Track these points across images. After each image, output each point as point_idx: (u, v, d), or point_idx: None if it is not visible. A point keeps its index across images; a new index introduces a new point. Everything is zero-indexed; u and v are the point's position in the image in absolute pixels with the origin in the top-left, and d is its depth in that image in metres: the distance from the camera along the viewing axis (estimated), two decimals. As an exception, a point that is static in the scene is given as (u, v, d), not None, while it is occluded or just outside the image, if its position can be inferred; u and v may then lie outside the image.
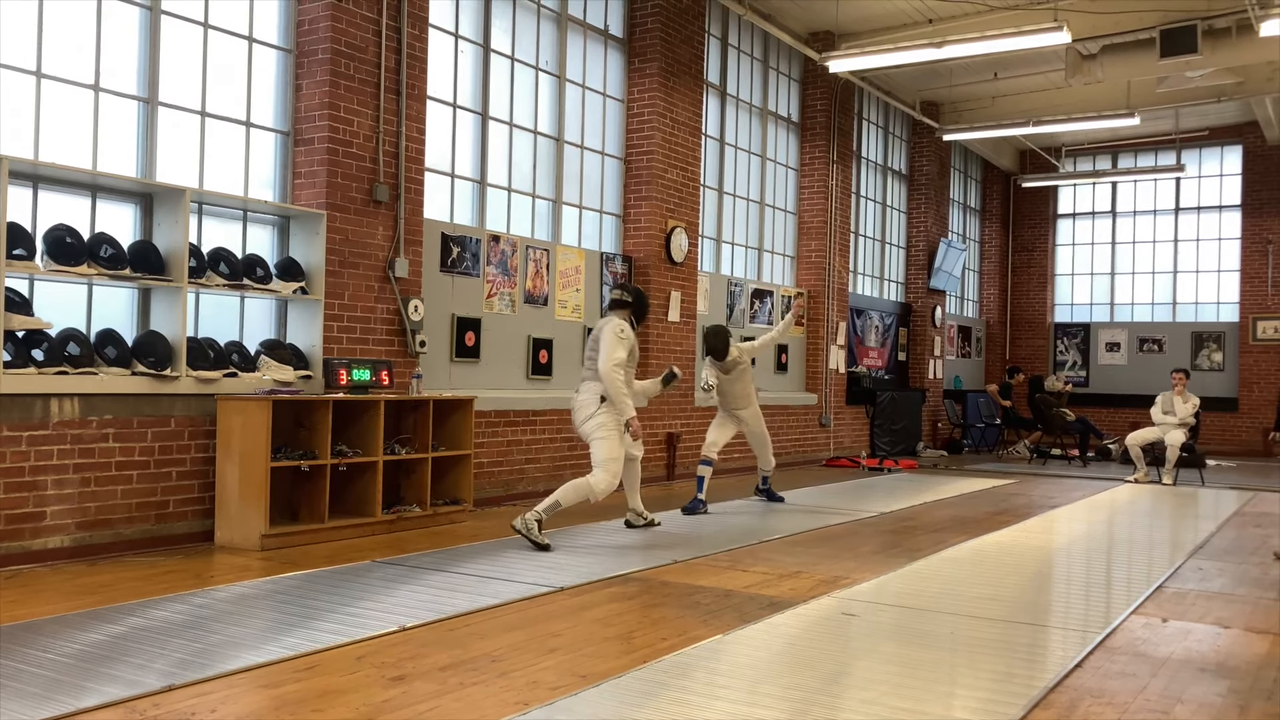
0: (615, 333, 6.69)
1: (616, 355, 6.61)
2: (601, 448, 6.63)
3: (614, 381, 6.57)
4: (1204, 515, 8.99)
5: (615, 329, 6.71)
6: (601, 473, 6.56)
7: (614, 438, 6.64)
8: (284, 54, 7.10)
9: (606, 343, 6.66)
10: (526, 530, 6.24)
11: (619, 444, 6.69)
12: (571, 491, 6.45)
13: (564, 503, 6.41)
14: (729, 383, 8.33)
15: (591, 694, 3.48)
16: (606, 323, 6.80)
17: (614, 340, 6.66)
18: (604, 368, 6.58)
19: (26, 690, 3.37)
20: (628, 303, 6.95)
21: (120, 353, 5.83)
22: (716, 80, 11.67)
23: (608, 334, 6.70)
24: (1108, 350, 18.67)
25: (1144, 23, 11.18)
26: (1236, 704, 3.58)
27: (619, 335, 6.68)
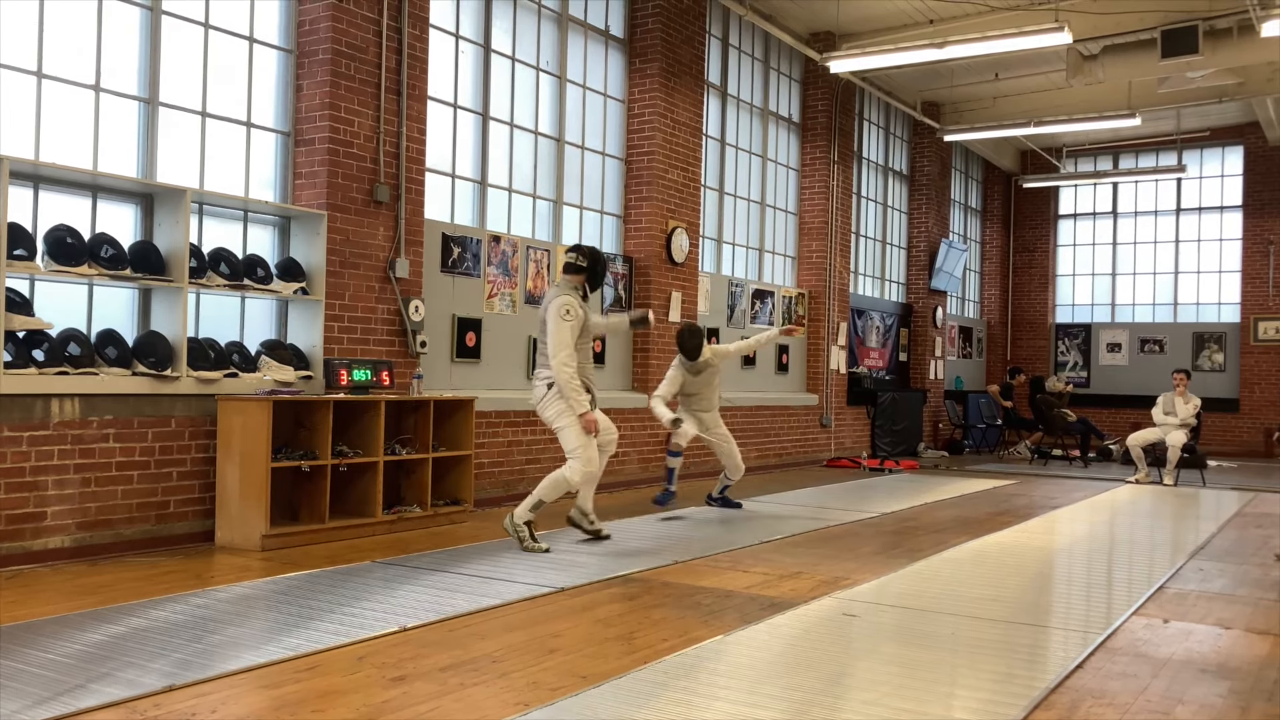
0: (559, 315, 6.17)
1: (564, 348, 6.15)
2: (568, 436, 6.29)
3: (564, 378, 6.15)
4: (1205, 516, 8.98)
5: (559, 310, 6.19)
6: (574, 462, 6.24)
7: (579, 423, 6.26)
8: (285, 54, 7.10)
9: (552, 329, 6.20)
10: (519, 538, 6.13)
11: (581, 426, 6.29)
12: (550, 487, 6.21)
13: (546, 499, 6.22)
14: (695, 384, 8.05)
15: (592, 694, 3.48)
16: (553, 300, 6.29)
17: (559, 325, 6.16)
18: (553, 363, 6.19)
19: (27, 690, 3.37)
20: (581, 268, 6.39)
21: (121, 353, 5.83)
22: (717, 81, 11.67)
23: (553, 317, 6.21)
24: (1109, 351, 18.66)
25: (1145, 23, 11.18)
26: (1238, 705, 3.58)
27: (563, 318, 6.17)
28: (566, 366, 6.17)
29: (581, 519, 6.62)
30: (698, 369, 7.96)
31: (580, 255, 6.40)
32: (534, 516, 6.22)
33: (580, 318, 6.25)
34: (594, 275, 6.44)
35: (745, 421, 11.75)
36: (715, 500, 8.44)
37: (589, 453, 6.28)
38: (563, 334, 6.15)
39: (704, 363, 7.94)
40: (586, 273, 6.39)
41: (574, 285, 6.36)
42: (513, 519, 6.19)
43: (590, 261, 6.39)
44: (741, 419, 11.67)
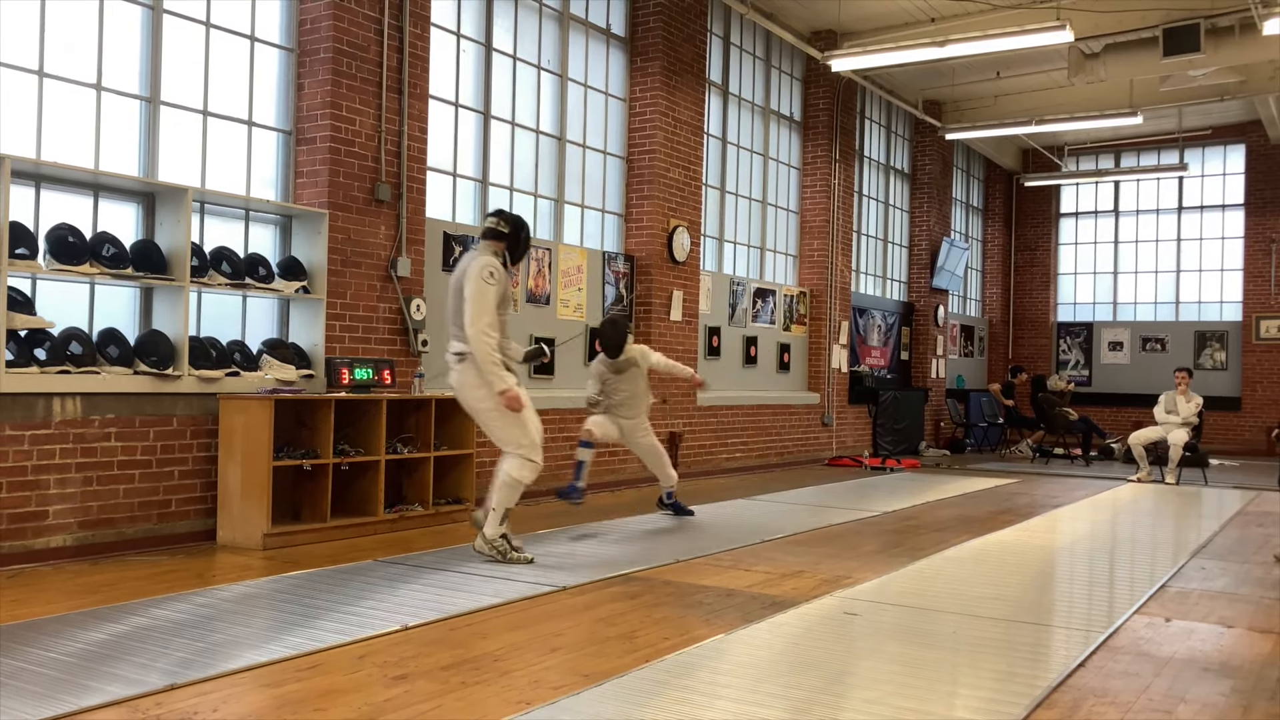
0: (482, 276, 5.43)
1: (485, 314, 5.40)
2: (499, 430, 5.60)
3: (483, 349, 5.40)
4: (1207, 515, 8.98)
5: (481, 271, 5.44)
6: (512, 456, 5.57)
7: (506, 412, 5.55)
8: (286, 53, 7.10)
9: (472, 291, 5.42)
10: (500, 554, 5.59)
11: (521, 415, 5.55)
12: (504, 492, 5.61)
13: (509, 505, 5.65)
14: (617, 385, 7.42)
15: (594, 693, 3.47)
16: (472, 260, 5.55)
17: (480, 288, 5.41)
18: (471, 330, 5.38)
19: (29, 689, 3.37)
20: (501, 233, 5.69)
21: (122, 352, 5.83)
22: (719, 79, 11.67)
23: (473, 278, 5.44)
24: (1110, 349, 18.65)
25: (1146, 21, 11.17)
26: (1240, 704, 3.57)
27: (486, 280, 5.43)
28: (487, 336, 5.40)
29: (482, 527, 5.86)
30: (619, 367, 7.40)
31: (502, 220, 5.72)
32: (505, 528, 5.68)
33: (504, 282, 5.56)
34: (515, 244, 5.75)
35: (747, 420, 11.75)
36: (666, 505, 7.85)
37: (527, 437, 5.58)
38: (485, 298, 5.42)
39: (626, 361, 7.38)
40: (508, 240, 5.70)
41: (494, 251, 5.67)
42: (485, 539, 5.63)
43: (512, 228, 5.72)
44: (743, 418, 11.67)
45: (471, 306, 5.41)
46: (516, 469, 5.59)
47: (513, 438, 5.59)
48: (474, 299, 5.41)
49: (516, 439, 5.60)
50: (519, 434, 5.60)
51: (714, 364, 11.41)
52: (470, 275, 5.46)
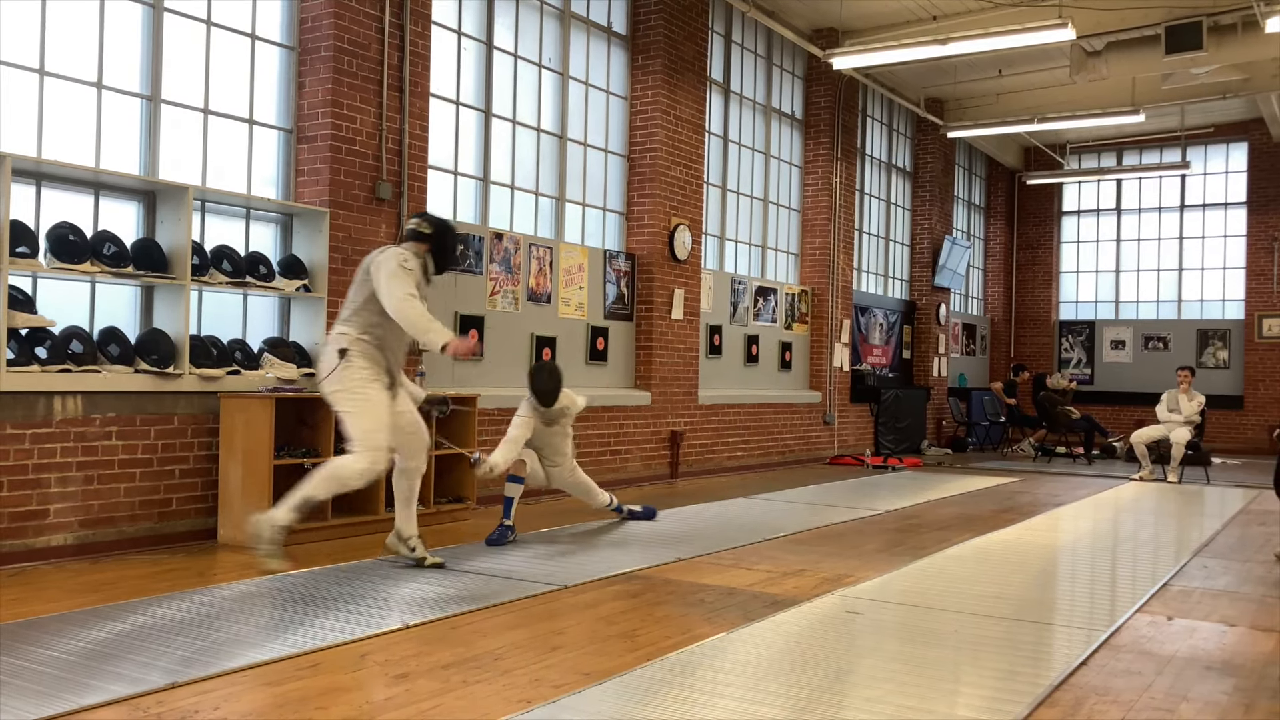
0: (398, 262, 4.96)
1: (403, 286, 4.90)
2: (352, 421, 4.95)
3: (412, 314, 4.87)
4: (1209, 513, 8.97)
5: (397, 259, 4.97)
6: (359, 450, 4.92)
7: (366, 405, 4.94)
8: (287, 51, 7.10)
9: (385, 271, 4.94)
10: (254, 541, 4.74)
11: (376, 410, 4.97)
12: (321, 481, 4.87)
13: (317, 495, 4.89)
14: (545, 435, 6.68)
15: (595, 692, 3.47)
16: (383, 251, 5.09)
17: (396, 268, 4.93)
18: (391, 303, 4.89)
19: (30, 688, 3.37)
20: (424, 235, 5.18)
21: (123, 350, 5.83)
22: (720, 77, 11.66)
23: (387, 264, 4.95)
24: (1113, 348, 18.63)
25: (1149, 19, 11.15)
26: (1242, 702, 3.57)
27: (403, 265, 4.96)
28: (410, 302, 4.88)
29: (399, 545, 5.52)
30: (551, 418, 6.61)
31: (425, 222, 5.21)
32: (292, 519, 4.81)
33: (417, 276, 5.04)
34: (441, 250, 5.20)
35: (748, 419, 11.74)
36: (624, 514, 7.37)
37: (380, 437, 4.96)
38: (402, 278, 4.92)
39: (559, 411, 6.63)
40: (431, 242, 5.16)
41: (416, 252, 5.15)
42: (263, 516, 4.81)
43: (437, 231, 5.19)
44: (744, 416, 11.67)
45: (388, 286, 4.89)
46: (347, 463, 4.89)
47: (361, 431, 4.92)
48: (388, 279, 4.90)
49: (365, 432, 4.92)
50: (370, 427, 4.92)
51: (715, 362, 11.41)
52: (382, 264, 4.96)
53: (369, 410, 4.96)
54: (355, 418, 4.96)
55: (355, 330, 5.01)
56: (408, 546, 5.50)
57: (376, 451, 4.94)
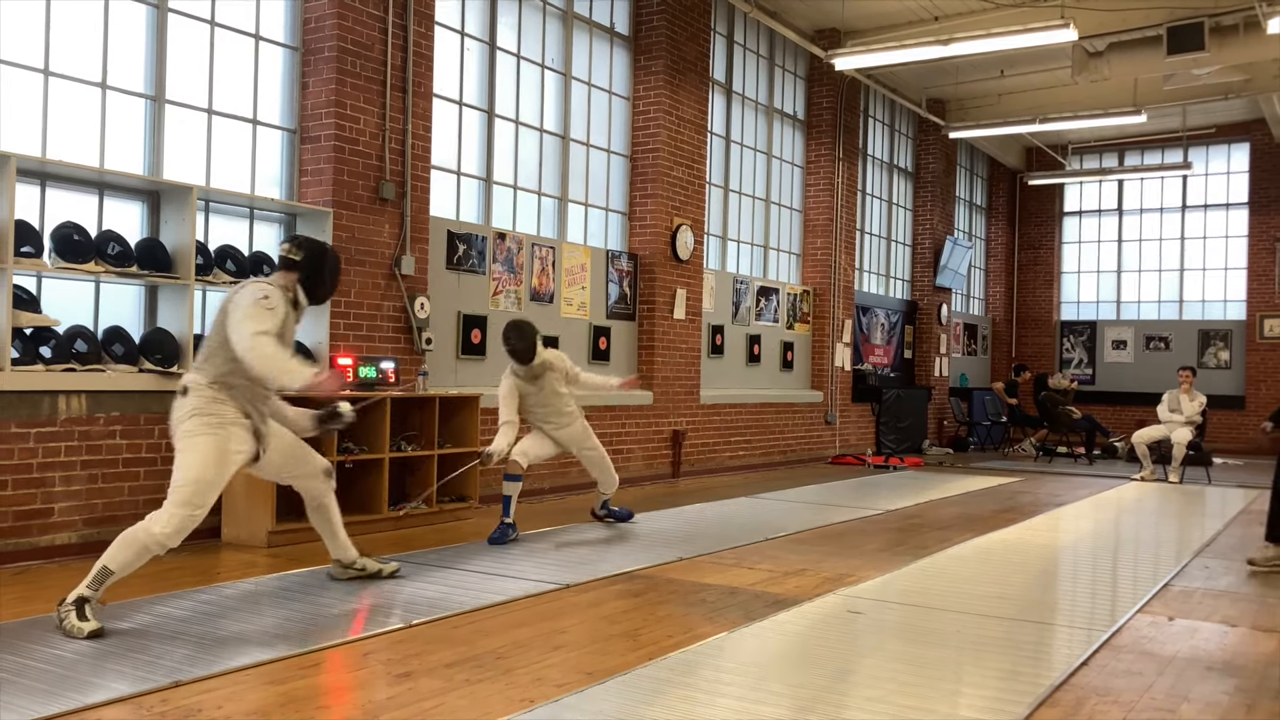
0: (254, 297, 4.32)
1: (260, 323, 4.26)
2: (180, 463, 4.27)
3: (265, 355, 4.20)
4: (1210, 514, 8.97)
5: (254, 295, 4.34)
6: (170, 504, 4.19)
7: (195, 454, 4.25)
8: (290, 52, 7.11)
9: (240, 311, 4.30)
10: (60, 618, 4.04)
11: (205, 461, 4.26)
12: (122, 550, 4.14)
13: (117, 569, 4.13)
14: (536, 395, 6.60)
15: (597, 691, 3.48)
16: (244, 287, 4.45)
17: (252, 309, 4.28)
18: (240, 346, 4.24)
19: (35, 686, 3.38)
20: (293, 262, 4.55)
21: (127, 350, 5.84)
22: (722, 78, 11.66)
23: (242, 301, 4.32)
24: (1114, 348, 18.62)
25: (1151, 20, 11.15)
26: (1243, 702, 3.58)
27: (262, 303, 4.31)
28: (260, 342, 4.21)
29: (347, 572, 5.06)
30: (533, 374, 6.55)
31: (295, 247, 4.58)
32: (94, 595, 4.10)
33: (281, 315, 4.41)
34: (315, 278, 4.58)
35: (750, 418, 11.75)
36: (601, 515, 7.23)
37: (195, 494, 4.22)
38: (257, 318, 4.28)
39: (541, 365, 6.55)
40: (301, 270, 4.55)
41: (284, 285, 4.54)
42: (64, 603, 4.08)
43: (308, 257, 4.56)
44: (746, 416, 11.68)
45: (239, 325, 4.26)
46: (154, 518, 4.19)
47: (179, 474, 4.27)
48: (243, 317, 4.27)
49: (179, 478, 4.25)
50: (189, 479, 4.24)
51: (717, 362, 11.42)
52: (239, 299, 4.36)
53: (195, 459, 4.26)
54: (180, 460, 4.30)
55: (204, 379, 4.36)
56: (356, 569, 5.06)
57: (188, 507, 4.21)
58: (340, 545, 5.02)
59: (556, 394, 6.68)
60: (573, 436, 6.82)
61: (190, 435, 4.30)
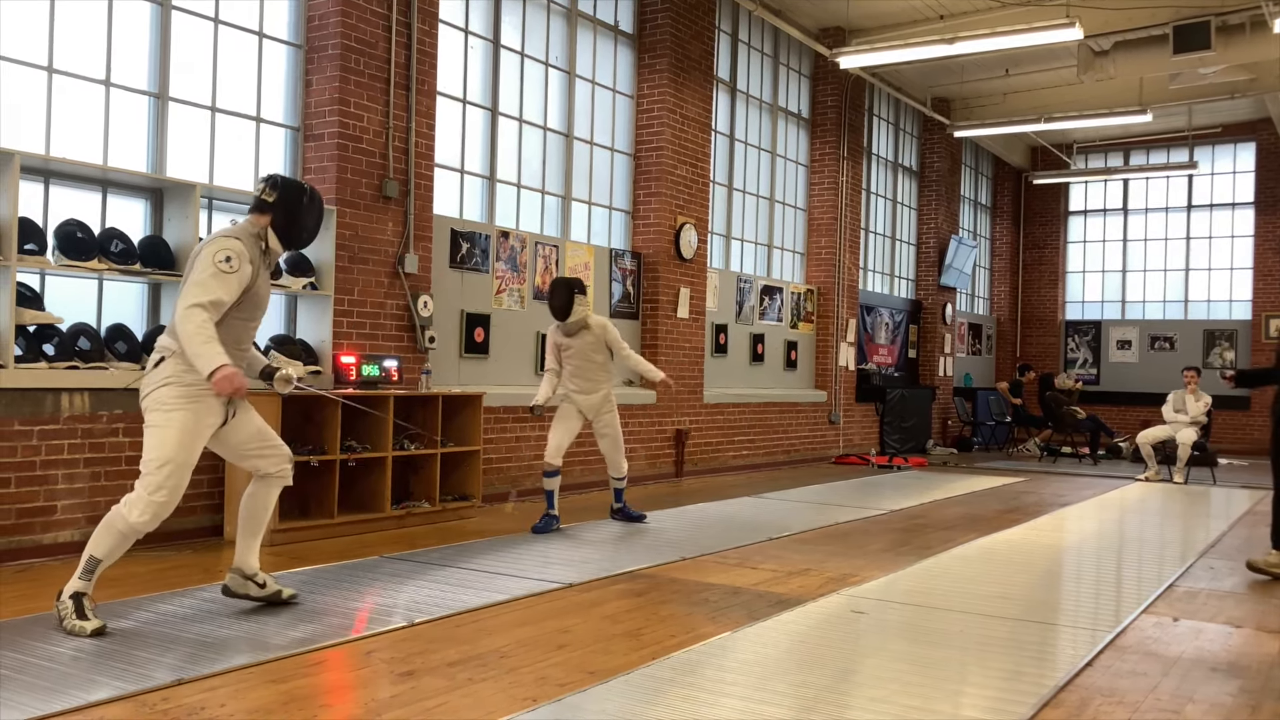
0: (214, 259, 4.08)
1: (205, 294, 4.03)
2: (148, 442, 4.11)
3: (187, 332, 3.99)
4: (1215, 514, 8.95)
5: (214, 254, 4.09)
6: (138, 487, 4.06)
7: (168, 430, 4.07)
8: (294, 49, 7.11)
9: (195, 275, 4.09)
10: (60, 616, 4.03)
11: (178, 438, 4.08)
12: (104, 537, 4.09)
13: (103, 556, 4.10)
14: (573, 352, 6.89)
15: (600, 690, 3.47)
16: (209, 241, 4.20)
17: (208, 274, 4.06)
18: (177, 313, 4.04)
19: (37, 684, 3.38)
20: (266, 204, 4.30)
21: (131, 348, 5.84)
22: (726, 76, 11.65)
23: (203, 261, 4.10)
24: (1119, 348, 18.59)
25: (1157, 19, 11.13)
26: (1248, 704, 3.56)
27: (220, 266, 4.07)
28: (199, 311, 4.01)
29: (246, 585, 4.49)
30: (568, 330, 6.86)
31: (268, 187, 4.31)
32: (89, 584, 4.09)
33: (246, 275, 4.15)
34: (289, 221, 4.33)
35: (753, 418, 11.74)
36: (616, 507, 7.34)
37: (170, 477, 4.07)
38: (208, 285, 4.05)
39: (577, 323, 6.83)
40: (274, 212, 4.29)
41: (255, 232, 4.29)
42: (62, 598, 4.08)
43: (282, 196, 4.30)
44: (750, 415, 11.66)
45: (187, 291, 4.07)
46: (128, 503, 4.07)
47: (149, 453, 4.10)
48: (193, 284, 4.06)
49: (149, 456, 4.09)
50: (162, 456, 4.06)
51: (720, 361, 11.41)
52: (200, 258, 4.12)
53: (169, 436, 4.07)
54: (150, 435, 4.11)
55: (177, 343, 4.12)
56: (256, 583, 4.48)
57: (163, 493, 4.06)
58: (251, 546, 4.46)
59: (589, 359, 6.93)
60: (592, 404, 7.01)
61: (164, 408, 4.08)
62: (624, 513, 7.33)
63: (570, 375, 6.97)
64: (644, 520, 7.32)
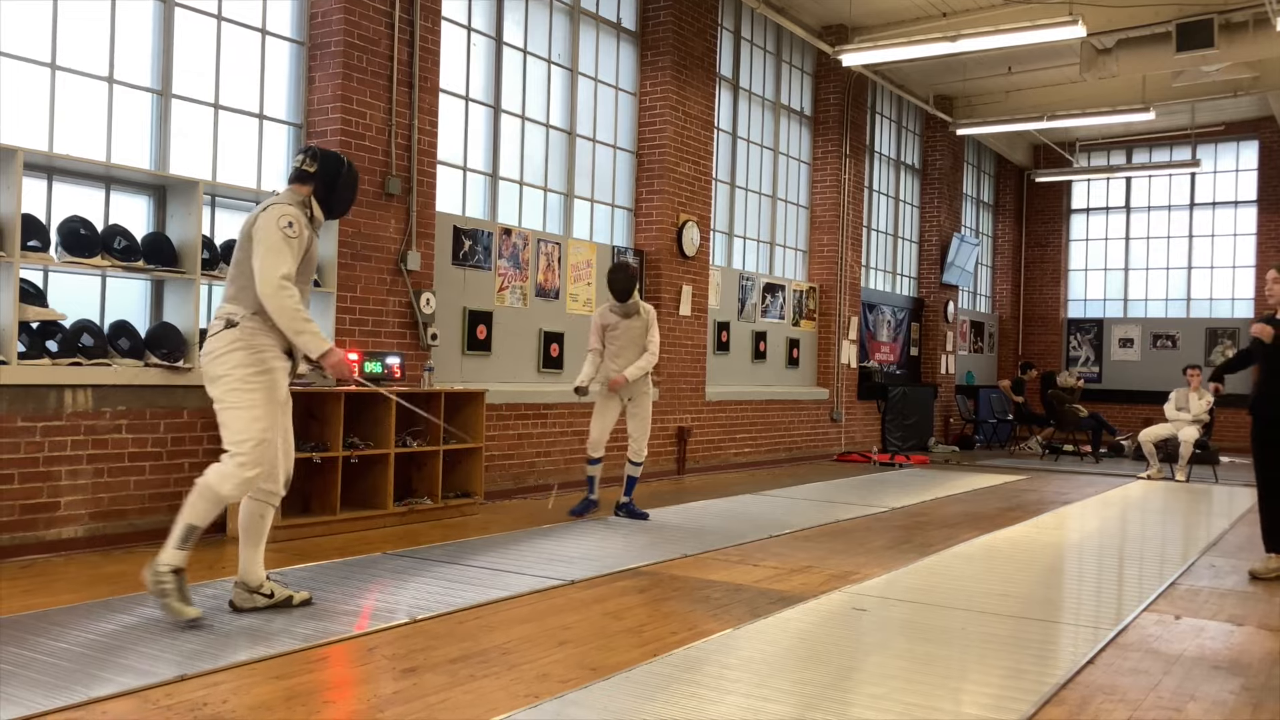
0: (278, 224, 4.19)
1: (283, 264, 4.16)
2: (234, 419, 4.17)
3: (286, 309, 4.15)
4: (1217, 512, 8.95)
5: (277, 220, 4.19)
6: (230, 463, 4.15)
7: (252, 400, 4.17)
8: (297, 47, 7.11)
9: (265, 242, 4.17)
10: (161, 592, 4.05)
11: (262, 409, 4.19)
12: (199, 505, 4.16)
13: (197, 522, 4.15)
14: (619, 335, 7.21)
15: (602, 687, 3.48)
16: (266, 208, 4.26)
17: (277, 238, 4.17)
18: (265, 288, 4.13)
19: (41, 679, 3.39)
20: (308, 174, 4.41)
21: (133, 344, 5.85)
22: (729, 74, 11.65)
23: (267, 227, 4.18)
24: (1121, 346, 18.58)
25: (1160, 17, 11.12)
26: (1250, 701, 3.56)
27: (286, 231, 4.19)
28: (287, 291, 4.14)
29: (253, 598, 4.37)
30: (626, 311, 7.19)
31: (310, 158, 4.41)
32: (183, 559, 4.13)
33: (306, 238, 4.29)
34: (330, 190, 4.44)
35: (755, 415, 11.74)
36: (621, 508, 7.38)
37: (259, 451, 4.17)
38: (281, 253, 4.16)
39: (633, 306, 7.21)
40: (316, 182, 4.41)
41: (301, 200, 4.40)
42: (152, 568, 4.08)
43: (323, 167, 4.42)
44: (751, 413, 11.67)
45: (264, 259, 4.14)
46: (219, 477, 4.14)
47: (239, 433, 4.16)
48: (266, 249, 4.15)
49: (241, 435, 4.16)
50: (251, 431, 4.15)
51: (723, 359, 11.41)
52: (263, 226, 4.19)
53: (253, 408, 4.16)
54: (236, 414, 4.17)
55: (245, 308, 4.22)
56: (263, 595, 4.38)
57: (253, 469, 4.17)
58: (255, 558, 4.40)
59: (635, 342, 7.24)
60: (630, 387, 7.30)
61: (246, 388, 4.15)
62: (629, 509, 7.36)
63: (613, 355, 7.27)
64: (647, 519, 7.34)
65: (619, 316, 7.23)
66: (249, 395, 4.16)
